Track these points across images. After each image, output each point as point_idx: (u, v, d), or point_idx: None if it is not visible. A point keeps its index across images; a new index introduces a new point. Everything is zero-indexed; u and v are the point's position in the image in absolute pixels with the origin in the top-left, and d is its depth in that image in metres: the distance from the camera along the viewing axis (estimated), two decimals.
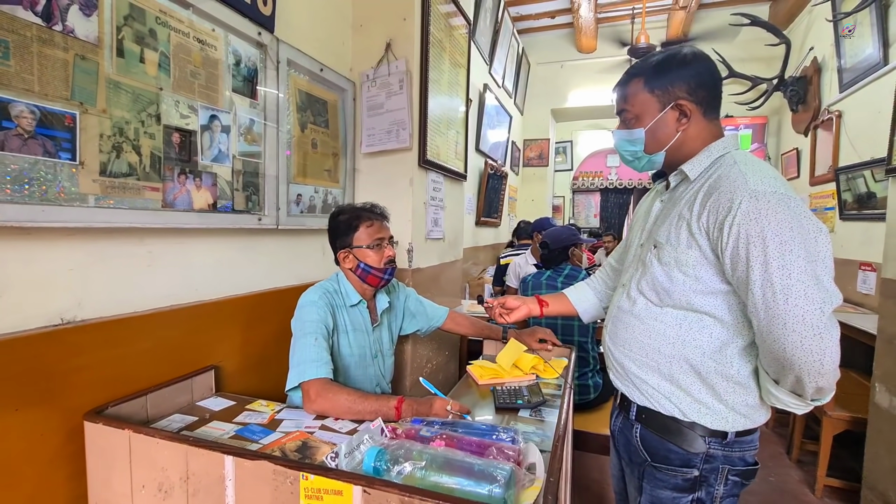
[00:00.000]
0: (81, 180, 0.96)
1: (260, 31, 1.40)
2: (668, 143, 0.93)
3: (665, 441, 0.93)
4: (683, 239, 0.86)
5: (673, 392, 0.91)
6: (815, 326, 0.73)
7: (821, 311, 0.73)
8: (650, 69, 0.92)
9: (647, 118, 0.93)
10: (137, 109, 1.06)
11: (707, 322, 0.87)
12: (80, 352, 0.98)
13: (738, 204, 0.77)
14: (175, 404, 1.16)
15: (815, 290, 0.73)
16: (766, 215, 0.75)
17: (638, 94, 0.93)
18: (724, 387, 0.87)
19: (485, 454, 0.81)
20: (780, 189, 0.77)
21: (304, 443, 0.97)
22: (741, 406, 0.87)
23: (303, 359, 1.16)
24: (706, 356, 0.87)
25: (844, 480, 2.11)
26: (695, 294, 0.86)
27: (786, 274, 0.73)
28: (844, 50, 3.21)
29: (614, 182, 8.16)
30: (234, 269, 1.39)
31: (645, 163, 0.98)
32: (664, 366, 0.92)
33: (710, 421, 0.89)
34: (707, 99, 0.90)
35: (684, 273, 0.86)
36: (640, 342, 0.95)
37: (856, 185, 3.10)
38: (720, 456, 0.90)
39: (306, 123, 1.66)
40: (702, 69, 0.90)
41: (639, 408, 0.98)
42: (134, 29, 1.05)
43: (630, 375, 0.98)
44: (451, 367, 2.40)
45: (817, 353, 0.73)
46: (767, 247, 0.74)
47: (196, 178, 1.22)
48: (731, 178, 0.81)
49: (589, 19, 4.75)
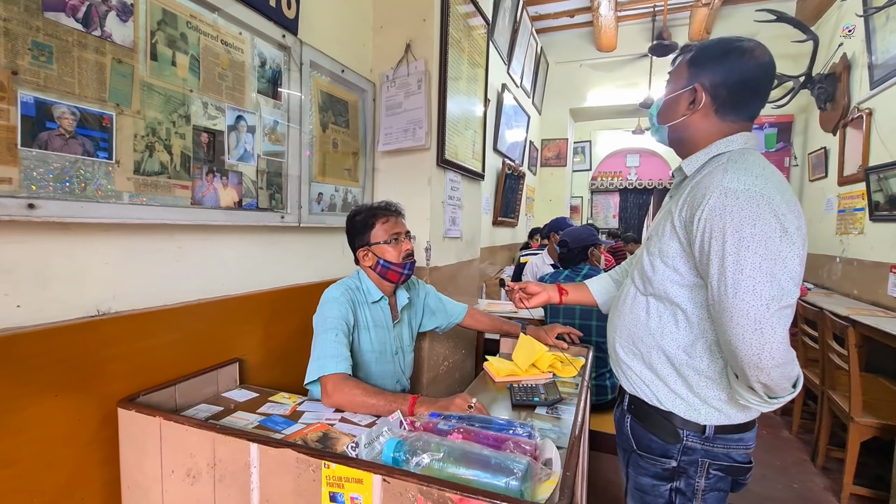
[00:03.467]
0: (117, 178, 1.01)
1: (284, 33, 1.44)
2: (673, 122, 0.95)
3: (648, 432, 0.97)
4: (667, 231, 0.89)
5: (652, 380, 0.95)
6: (757, 321, 0.74)
7: (766, 307, 0.74)
8: (699, 48, 0.93)
9: (671, 90, 0.96)
10: (169, 110, 1.11)
11: (680, 315, 0.90)
12: (114, 342, 1.03)
13: (707, 199, 0.79)
14: (202, 394, 1.20)
15: (766, 287, 0.74)
16: (731, 211, 0.76)
17: (681, 65, 0.95)
18: (695, 380, 0.90)
19: (501, 448, 0.82)
20: (755, 187, 0.76)
21: (325, 434, 1.00)
22: (714, 400, 0.89)
23: (322, 354, 1.19)
24: (679, 349, 0.90)
25: (872, 489, 2.04)
26: (671, 284, 0.89)
27: (738, 269, 0.75)
28: (876, 46, 3.11)
29: (634, 182, 8.06)
30: (258, 266, 1.44)
31: (656, 130, 1.02)
32: (646, 354, 0.95)
33: (683, 411, 0.91)
34: (726, 97, 0.88)
35: (665, 263, 0.89)
36: (629, 330, 0.99)
37: (888, 186, 3.01)
38: (699, 449, 0.92)
39: (327, 123, 1.70)
40: (735, 68, 0.86)
41: (630, 397, 1.02)
42: (166, 33, 1.09)
43: (620, 362, 1.02)
44: (468, 364, 2.42)
45: (756, 348, 0.75)
46: (726, 242, 0.76)
47: (223, 177, 1.26)
48: (712, 175, 0.83)
49: (609, 18, 4.70)
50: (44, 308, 0.92)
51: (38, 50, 0.86)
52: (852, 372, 1.98)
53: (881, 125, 3.10)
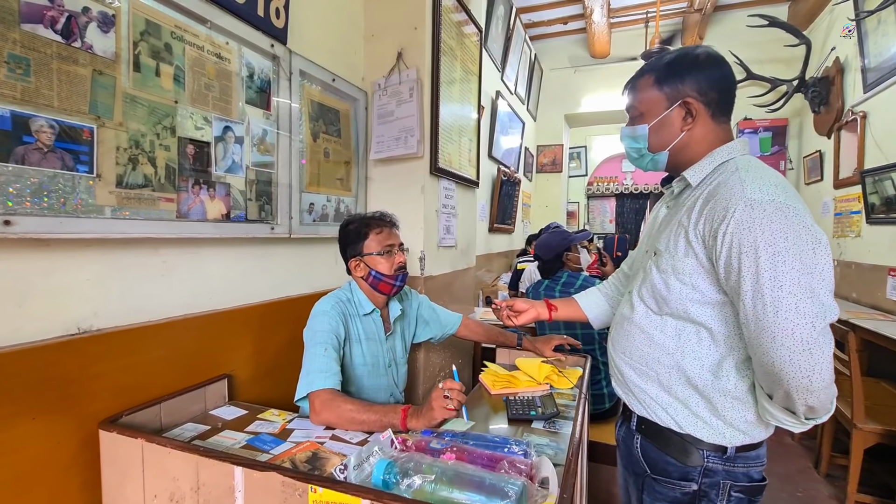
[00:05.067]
0: (98, 192, 0.98)
1: (273, 43, 1.42)
2: (672, 143, 0.91)
3: (663, 453, 0.91)
4: (681, 247, 0.84)
5: (670, 403, 0.89)
6: (805, 341, 0.70)
7: (812, 325, 0.70)
8: (662, 66, 0.90)
9: (653, 115, 0.91)
10: (153, 122, 1.08)
11: (704, 334, 0.85)
12: (95, 361, 1.00)
13: (732, 212, 0.75)
14: (188, 413, 1.17)
15: (808, 304, 0.70)
16: (760, 224, 0.72)
17: (647, 90, 0.92)
18: (721, 402, 0.84)
19: (496, 468, 0.79)
20: (779, 198, 0.73)
21: (315, 453, 0.97)
22: (740, 422, 0.85)
23: (311, 369, 1.16)
24: (704, 369, 0.85)
25: (877, 497, 2.01)
26: (691, 303, 0.84)
27: (777, 286, 0.71)
28: (868, 49, 3.12)
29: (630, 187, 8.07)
30: (247, 278, 1.41)
31: (648, 161, 0.96)
32: (663, 376, 0.90)
33: (706, 435, 0.86)
34: (717, 101, 0.88)
35: (681, 281, 0.84)
36: (641, 351, 0.93)
37: (883, 188, 3.00)
38: (720, 470, 0.87)
39: (319, 133, 1.68)
40: (714, 70, 0.87)
41: (639, 418, 0.97)
42: (150, 44, 1.07)
43: (629, 384, 0.96)
44: (465, 375, 2.38)
45: (806, 370, 0.70)
46: (759, 257, 0.72)
47: (210, 189, 1.24)
48: (729, 185, 0.79)
49: (602, 24, 4.72)
50: (21, 327, 0.89)
51: (15, 63, 0.84)
52: (854, 377, 1.96)
53: (875, 128, 3.10)
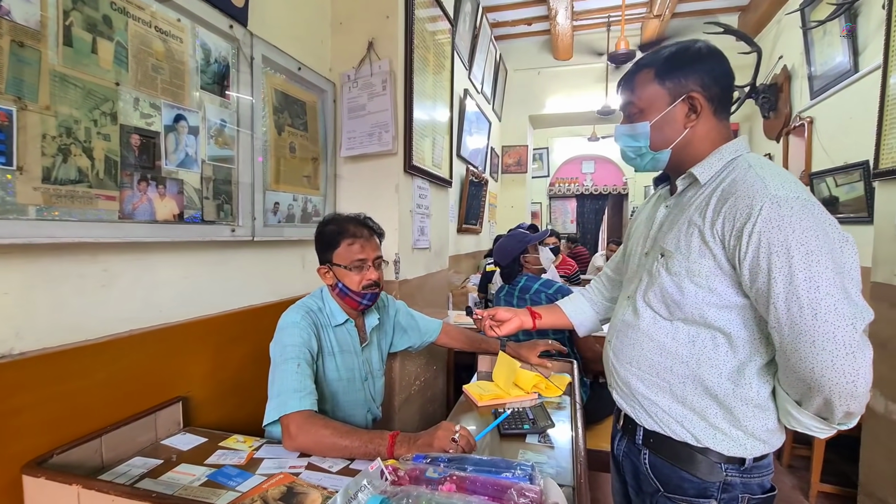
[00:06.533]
0: (19, 188, 0.82)
1: (231, 23, 1.27)
2: (675, 140, 0.85)
3: (678, 469, 0.85)
4: (695, 247, 0.79)
5: (686, 416, 0.84)
6: (848, 345, 0.66)
7: (853, 327, 0.66)
8: (662, 60, 0.85)
9: (654, 112, 0.85)
10: (89, 107, 0.92)
11: (721, 339, 0.80)
12: (18, 390, 0.83)
13: (758, 210, 0.70)
14: (136, 445, 1.01)
15: (846, 305, 0.66)
16: (790, 222, 0.68)
17: (647, 85, 0.85)
18: (742, 411, 0.80)
19: (504, 499, 0.71)
20: (803, 195, 0.70)
21: (290, 488, 0.85)
22: (761, 431, 0.80)
23: (283, 389, 1.03)
24: (723, 377, 0.80)
25: (839, 486, 2.10)
26: (708, 307, 0.79)
27: (813, 287, 0.67)
28: (814, 58, 3.30)
29: (590, 188, 8.28)
30: (205, 287, 1.25)
31: (648, 161, 0.90)
32: (677, 387, 0.84)
33: (726, 448, 0.81)
34: (719, 97, 0.84)
35: (696, 284, 0.79)
36: (650, 360, 0.87)
37: (819, 191, 3.18)
38: (738, 483, 0.82)
39: (283, 126, 1.54)
40: (717, 65, 0.83)
41: (646, 431, 0.90)
42: (84, 14, 0.91)
43: (637, 396, 0.90)
44: (440, 382, 2.29)
45: (850, 374, 0.67)
46: (792, 257, 0.67)
47: (159, 186, 1.08)
48: (748, 182, 0.74)
49: (566, 27, 4.76)
50: None
51: None
52: None
53: (821, 133, 3.29)
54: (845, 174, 2.88)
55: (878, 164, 1.74)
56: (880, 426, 1.69)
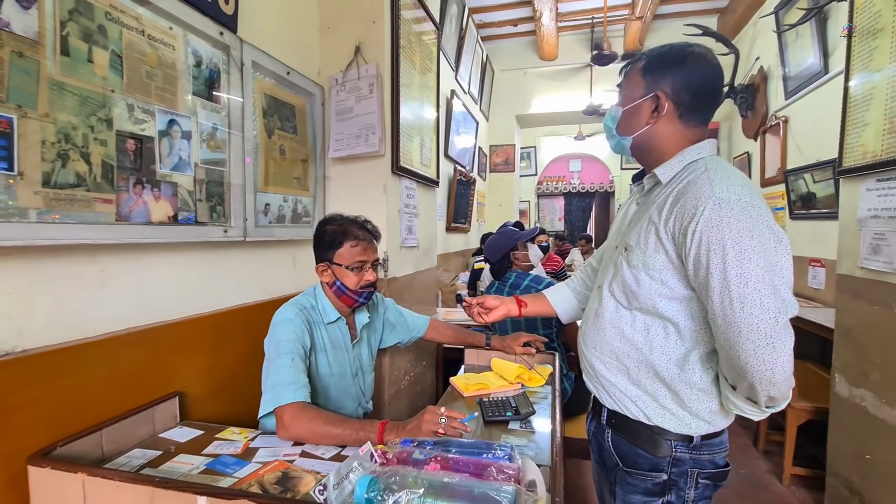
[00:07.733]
0: (20, 193, 0.85)
1: (222, 30, 1.31)
2: (636, 132, 0.93)
3: (634, 446, 0.94)
4: (651, 243, 0.86)
5: (639, 396, 0.92)
6: (768, 335, 0.74)
7: (775, 320, 0.74)
8: (653, 56, 0.92)
9: (630, 100, 0.94)
10: (86, 113, 0.96)
11: (671, 329, 0.88)
12: (21, 387, 0.87)
13: (702, 210, 0.77)
14: (135, 438, 1.05)
15: (771, 300, 0.74)
16: (728, 223, 0.75)
17: (634, 74, 0.94)
18: (687, 394, 0.88)
19: (483, 475, 0.77)
20: (745, 198, 0.77)
21: (285, 473, 0.90)
22: (705, 412, 0.88)
23: (277, 382, 1.08)
24: (671, 363, 0.88)
25: (810, 468, 2.20)
26: (660, 298, 0.87)
27: (743, 282, 0.74)
28: (788, 59, 3.41)
29: (577, 186, 8.38)
30: (198, 286, 1.29)
31: (616, 143, 0.99)
32: (632, 370, 0.92)
33: (674, 426, 0.90)
34: (689, 103, 0.89)
35: (651, 277, 0.86)
36: (611, 345, 0.95)
37: (797, 187, 3.30)
38: (688, 459, 0.90)
39: (273, 129, 1.58)
40: (694, 73, 0.88)
41: (609, 412, 0.98)
42: (80, 25, 0.95)
43: (600, 378, 0.98)
44: (429, 377, 2.35)
45: (769, 362, 0.74)
46: (727, 254, 0.75)
47: (154, 189, 1.12)
48: (698, 185, 0.81)
49: (551, 28, 4.84)
50: None
51: None
52: None
53: (796, 131, 3.41)
54: (822, 171, 2.99)
55: (841, 162, 1.83)
56: (844, 410, 1.79)
